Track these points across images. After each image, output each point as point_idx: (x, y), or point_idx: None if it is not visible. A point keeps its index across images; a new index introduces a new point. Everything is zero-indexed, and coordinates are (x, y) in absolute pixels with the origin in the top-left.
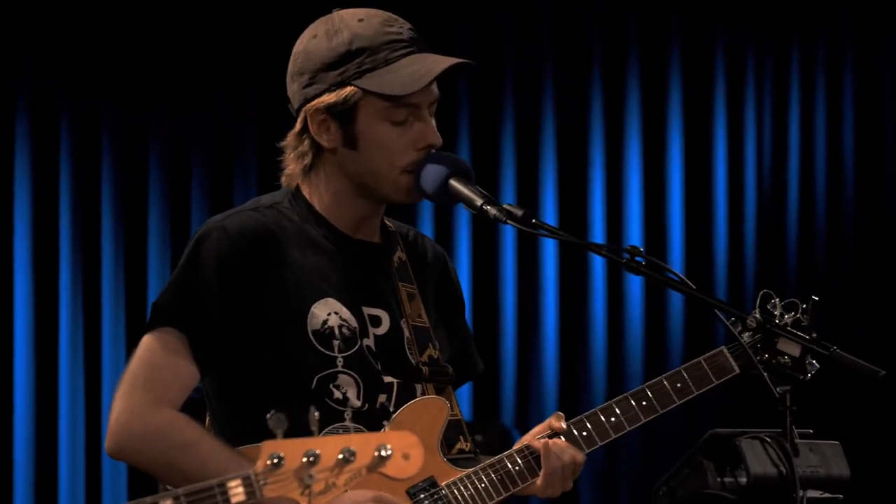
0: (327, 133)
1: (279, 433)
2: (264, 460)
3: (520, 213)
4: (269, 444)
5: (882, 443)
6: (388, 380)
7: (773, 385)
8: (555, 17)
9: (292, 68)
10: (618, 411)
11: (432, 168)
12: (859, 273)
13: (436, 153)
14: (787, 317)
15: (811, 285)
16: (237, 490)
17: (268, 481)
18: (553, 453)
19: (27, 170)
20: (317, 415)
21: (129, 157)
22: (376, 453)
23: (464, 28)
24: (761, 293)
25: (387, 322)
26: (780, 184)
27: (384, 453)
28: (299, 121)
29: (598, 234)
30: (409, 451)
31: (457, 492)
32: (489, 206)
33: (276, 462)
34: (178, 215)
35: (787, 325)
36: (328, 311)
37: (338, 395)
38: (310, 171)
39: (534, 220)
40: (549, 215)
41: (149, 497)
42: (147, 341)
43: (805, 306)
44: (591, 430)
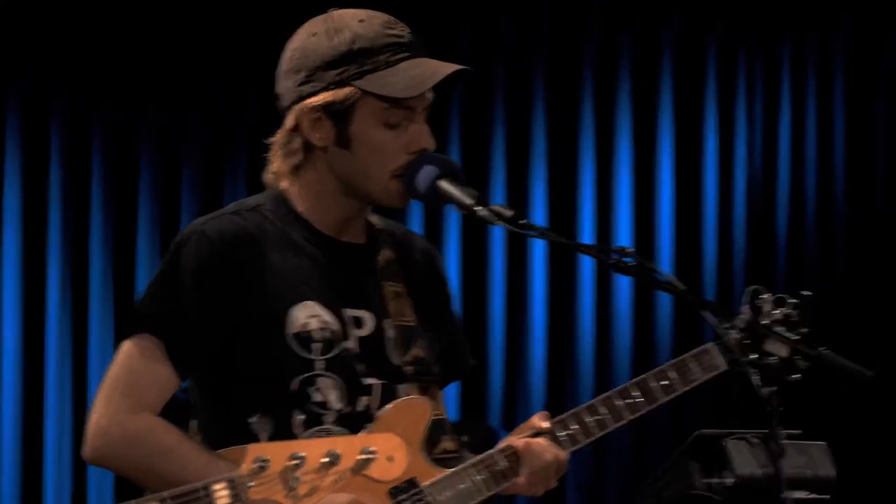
0: (320, 131)
1: (263, 436)
2: (249, 463)
3: (509, 213)
4: (254, 447)
5: (868, 444)
6: (371, 381)
7: (759, 385)
8: (545, 19)
9: (287, 65)
10: (603, 409)
11: (422, 169)
12: (849, 274)
13: (425, 154)
14: (776, 313)
15: (801, 286)
16: (222, 493)
17: (253, 484)
18: (534, 452)
19: (17, 170)
20: (302, 418)
21: (119, 158)
22: (360, 456)
23: (455, 30)
24: (750, 289)
25: (370, 323)
26: (770, 185)
27: (368, 456)
28: (291, 118)
29: (587, 234)
30: (393, 454)
31: (439, 492)
32: (478, 207)
33: (261, 465)
34: (167, 216)
35: (776, 320)
36: (308, 314)
37: (318, 398)
38: (298, 169)
39: (523, 221)
40: (539, 216)
41: (134, 500)
42: (126, 347)
43: (795, 301)
44: (576, 428)
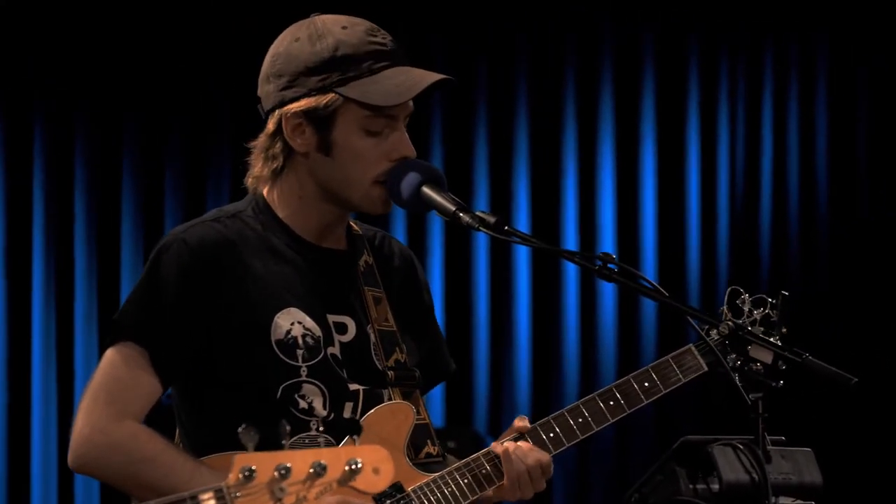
0: (301, 137)
1: (250, 447)
2: (236, 473)
3: (492, 220)
4: (241, 456)
5: (854, 450)
6: (354, 387)
7: (745, 392)
8: (528, 24)
9: (269, 69)
10: (585, 412)
11: (405, 175)
12: (832, 278)
13: (409, 160)
14: (756, 313)
15: (784, 290)
16: (209, 502)
17: (239, 494)
18: (515, 457)
19: (0, 174)
20: (288, 428)
21: (102, 164)
22: (347, 467)
23: (437, 36)
24: (730, 289)
25: (353, 329)
26: (753, 189)
27: (354, 467)
28: (272, 122)
29: (570, 241)
30: (379, 466)
31: (423, 497)
32: (462, 213)
33: (248, 475)
34: (151, 222)
35: (756, 321)
36: (291, 321)
37: (303, 404)
38: (279, 174)
39: (506, 227)
40: (522, 222)
41: None
42: (109, 355)
43: (774, 301)
44: (558, 431)
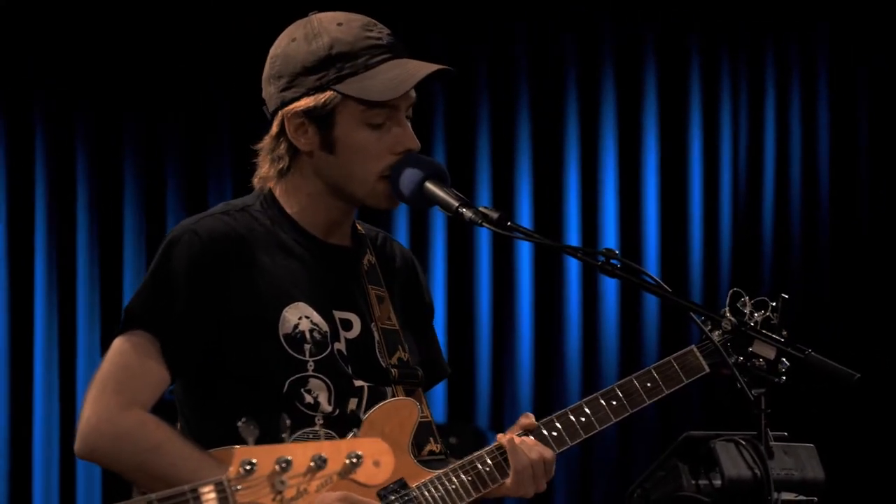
0: (304, 136)
1: (250, 440)
2: (237, 466)
3: (495, 215)
4: (241, 450)
5: (856, 445)
6: (359, 384)
7: (748, 387)
8: (530, 21)
9: (269, 71)
10: (588, 411)
11: (408, 171)
12: (834, 276)
13: (411, 155)
14: (757, 315)
15: (786, 288)
16: (210, 496)
17: (240, 487)
18: (520, 450)
19: (2, 174)
20: (289, 422)
21: (104, 160)
22: (347, 460)
23: (439, 32)
24: (731, 291)
25: (358, 326)
26: (756, 186)
27: (355, 460)
28: (276, 123)
29: (573, 236)
30: (379, 458)
31: (427, 493)
32: (464, 209)
33: (249, 468)
34: (153, 217)
35: (757, 323)
36: (299, 316)
37: (309, 399)
38: (285, 174)
39: (509, 223)
40: (525, 218)
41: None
42: (118, 344)
43: (775, 304)
44: (561, 430)
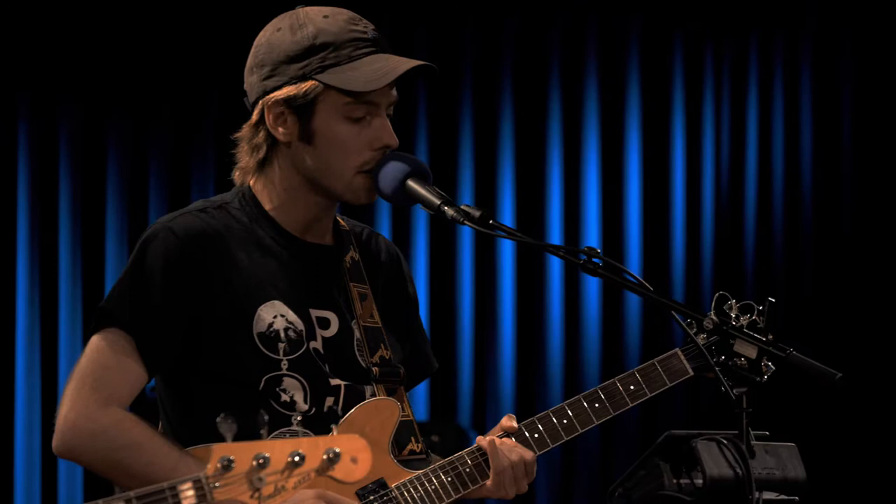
0: (284, 126)
1: (228, 437)
2: (214, 463)
3: (477, 213)
4: (219, 447)
5: (838, 445)
6: (336, 382)
7: (729, 387)
8: (513, 18)
9: (253, 60)
10: (570, 413)
11: (390, 168)
12: (816, 274)
13: (393, 153)
14: (742, 319)
15: (769, 287)
16: (188, 493)
17: (218, 484)
18: (500, 451)
19: None
20: (266, 417)
21: (87, 158)
22: (325, 457)
23: (423, 29)
24: (717, 295)
25: (335, 324)
26: (738, 185)
27: (332, 456)
28: (256, 112)
29: (555, 235)
30: (357, 455)
31: (407, 493)
32: (447, 207)
33: (227, 465)
34: (135, 215)
35: (743, 326)
36: (274, 314)
37: (284, 398)
38: (263, 165)
39: (491, 221)
40: (507, 216)
41: (101, 500)
42: (95, 342)
43: (761, 308)
44: (543, 431)
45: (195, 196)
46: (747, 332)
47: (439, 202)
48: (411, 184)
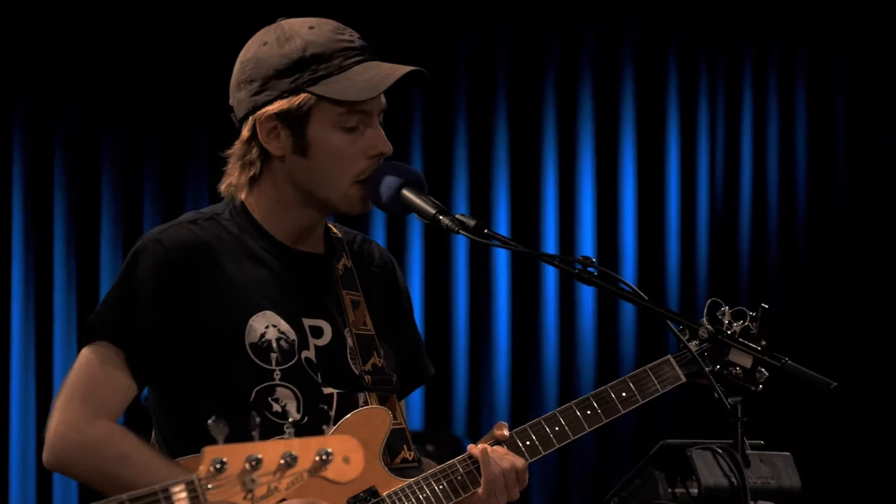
0: (277, 140)
1: (220, 439)
2: (207, 465)
3: (472, 223)
4: (211, 449)
5: (833, 453)
6: (329, 391)
7: (724, 396)
8: (507, 26)
9: (240, 76)
10: (562, 420)
11: (385, 178)
12: (811, 282)
13: (388, 163)
14: (735, 325)
15: (763, 295)
16: (181, 495)
17: (211, 486)
18: (491, 459)
19: None
20: (258, 420)
21: (82, 166)
22: (317, 457)
23: (417, 37)
24: (709, 301)
25: (329, 333)
26: (733, 193)
27: (325, 457)
28: (247, 128)
29: (550, 244)
30: (349, 455)
31: (398, 502)
32: (442, 217)
33: (219, 467)
34: (130, 224)
35: (736, 333)
36: (266, 324)
37: (277, 408)
38: (255, 181)
39: (486, 231)
40: (502, 225)
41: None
42: (85, 354)
43: (753, 314)
44: (535, 439)
45: (190, 206)
46: (742, 341)
47: (434, 211)
48: (406, 193)
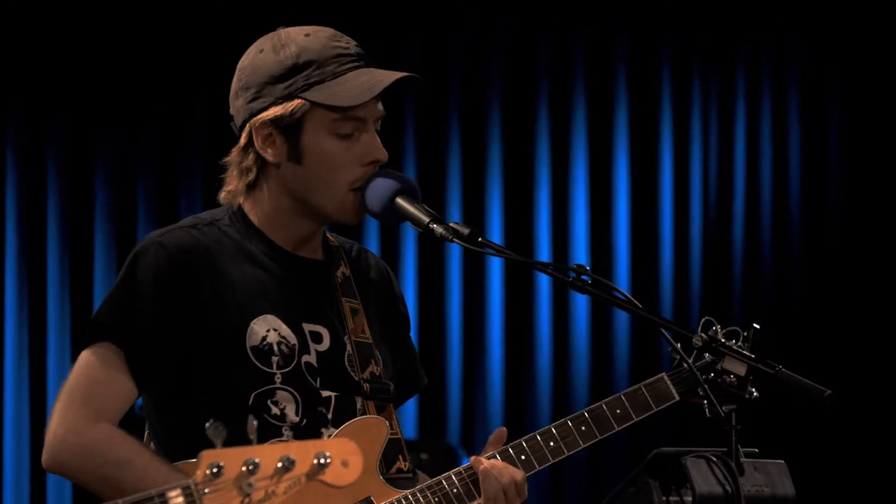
0: (272, 147)
1: (218, 443)
2: (203, 469)
3: (466, 231)
4: (208, 453)
5: (827, 461)
6: (327, 394)
7: (718, 406)
8: (501, 35)
9: (237, 84)
10: (557, 435)
11: (378, 186)
12: (805, 291)
13: (382, 170)
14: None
15: (757, 304)
16: (177, 500)
17: (207, 490)
18: (492, 475)
19: None
20: (255, 423)
21: (76, 173)
22: (315, 461)
23: (411, 45)
24: (703, 320)
25: (328, 339)
26: (726, 203)
27: (323, 461)
28: (244, 135)
29: (544, 252)
30: (348, 459)
31: None
32: (436, 225)
33: (216, 471)
34: (123, 230)
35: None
36: (267, 328)
37: (275, 410)
38: (252, 188)
39: (480, 239)
40: (496, 234)
41: None
42: (85, 356)
43: (746, 334)
44: (530, 454)
45: (183, 213)
46: (736, 349)
47: (428, 220)
48: (400, 202)
